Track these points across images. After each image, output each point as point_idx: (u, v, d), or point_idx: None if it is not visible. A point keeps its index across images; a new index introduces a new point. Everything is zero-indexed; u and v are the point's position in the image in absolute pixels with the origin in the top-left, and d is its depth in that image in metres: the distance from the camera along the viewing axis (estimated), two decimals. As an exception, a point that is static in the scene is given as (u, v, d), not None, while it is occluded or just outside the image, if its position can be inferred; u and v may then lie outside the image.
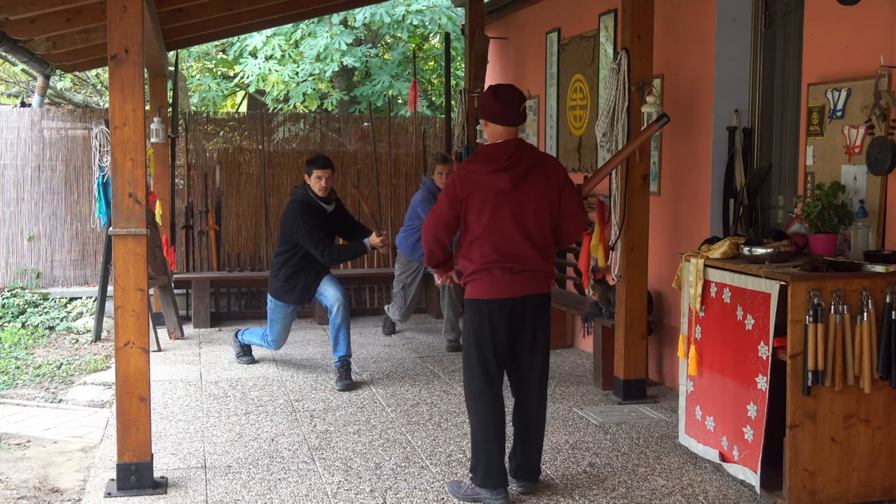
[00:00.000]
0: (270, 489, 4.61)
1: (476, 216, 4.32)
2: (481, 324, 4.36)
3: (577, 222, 4.45)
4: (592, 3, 7.53)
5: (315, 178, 6.64)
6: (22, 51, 7.31)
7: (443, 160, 7.92)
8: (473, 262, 4.35)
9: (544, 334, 4.47)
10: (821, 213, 4.60)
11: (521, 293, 4.34)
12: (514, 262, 4.31)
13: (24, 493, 4.73)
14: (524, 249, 4.32)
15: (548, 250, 4.41)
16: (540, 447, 4.55)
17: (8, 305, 9.52)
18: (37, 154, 9.99)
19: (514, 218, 4.30)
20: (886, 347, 4.08)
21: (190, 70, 14.92)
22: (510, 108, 4.33)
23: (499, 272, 4.31)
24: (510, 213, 4.30)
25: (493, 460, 4.34)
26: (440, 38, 13.81)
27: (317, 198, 6.67)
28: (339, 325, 6.70)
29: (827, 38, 4.99)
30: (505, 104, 4.33)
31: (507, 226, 4.30)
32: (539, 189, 4.33)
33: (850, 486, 4.22)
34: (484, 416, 4.37)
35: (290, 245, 6.69)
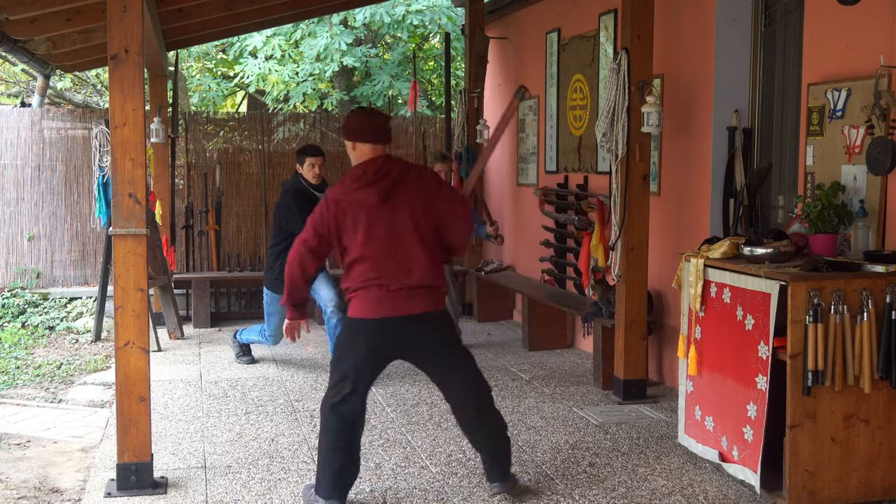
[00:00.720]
0: (270, 489, 4.61)
1: (350, 237, 4.19)
2: (349, 342, 4.27)
3: (460, 225, 4.27)
4: (592, 3, 7.53)
5: (308, 165, 6.74)
6: (22, 51, 7.31)
7: (441, 158, 7.91)
8: (353, 281, 4.23)
9: (454, 347, 4.37)
10: (821, 213, 4.60)
11: (402, 311, 4.18)
12: (393, 280, 4.16)
13: (24, 493, 4.73)
14: (403, 265, 4.17)
15: (430, 263, 4.22)
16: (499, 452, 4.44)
17: (8, 305, 9.52)
18: (37, 154, 9.99)
19: (390, 233, 4.17)
20: (886, 347, 4.08)
21: (190, 70, 14.92)
22: (375, 126, 4.24)
23: (376, 290, 4.17)
24: (384, 229, 4.16)
25: (331, 473, 4.29)
26: (440, 38, 13.81)
27: (309, 186, 6.75)
28: (336, 325, 6.72)
29: (827, 38, 4.99)
30: (370, 123, 4.25)
31: (384, 242, 4.17)
32: (412, 199, 4.19)
33: (850, 486, 4.22)
34: (330, 429, 4.30)
35: (285, 235, 6.67)
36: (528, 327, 7.89)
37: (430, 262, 4.22)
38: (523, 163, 9.21)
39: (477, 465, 4.94)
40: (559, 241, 8.22)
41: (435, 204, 4.23)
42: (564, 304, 7.41)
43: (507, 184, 9.65)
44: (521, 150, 9.26)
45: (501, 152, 9.80)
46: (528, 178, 9.04)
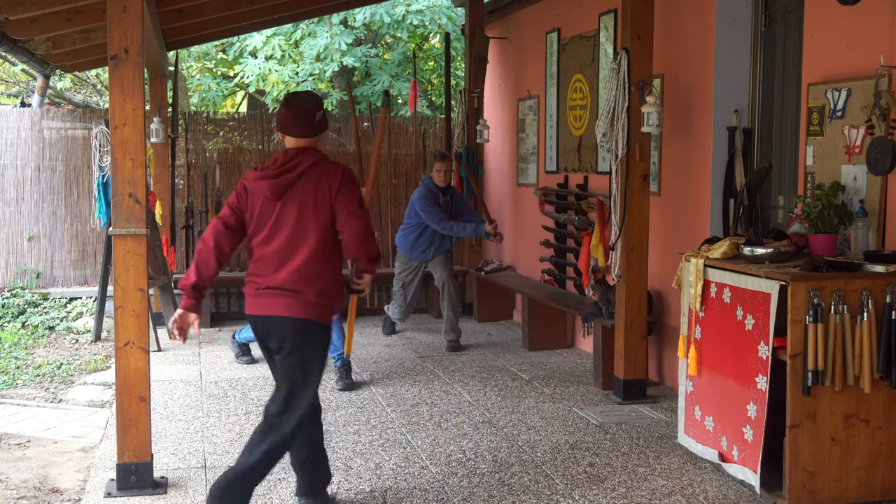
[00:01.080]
0: (270, 489, 4.61)
1: (249, 226, 4.07)
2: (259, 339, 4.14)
3: (351, 233, 3.95)
4: (592, 3, 7.53)
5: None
6: (22, 51, 7.31)
7: (441, 157, 7.93)
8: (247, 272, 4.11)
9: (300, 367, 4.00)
10: (821, 213, 4.60)
11: (263, 311, 3.99)
12: (262, 278, 4.00)
13: (24, 493, 4.73)
14: (277, 264, 3.97)
15: (306, 268, 3.94)
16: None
17: (8, 305, 9.52)
18: (37, 154, 9.99)
19: (273, 229, 3.98)
20: (886, 347, 4.08)
21: (190, 70, 14.92)
22: (294, 119, 4.02)
23: (250, 286, 4.04)
24: (270, 225, 3.98)
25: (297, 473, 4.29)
26: (440, 38, 13.81)
27: None
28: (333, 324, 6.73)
29: (827, 38, 4.99)
30: (288, 116, 4.03)
31: (266, 237, 4.00)
32: (304, 198, 3.95)
33: (850, 486, 4.22)
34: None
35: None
36: (528, 327, 7.89)
37: (306, 266, 3.94)
38: (523, 163, 9.21)
39: (477, 465, 4.94)
40: (559, 241, 8.22)
41: (329, 208, 3.95)
42: (564, 304, 7.41)
43: (507, 184, 9.65)
44: (521, 150, 9.26)
45: (501, 152, 9.80)
46: (528, 178, 9.04)
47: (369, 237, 3.99)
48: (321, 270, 3.97)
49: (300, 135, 4.04)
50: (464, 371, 7.11)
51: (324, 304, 3.98)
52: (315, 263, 3.95)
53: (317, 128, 4.06)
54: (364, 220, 3.97)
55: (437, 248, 7.93)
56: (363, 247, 3.98)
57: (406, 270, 8.06)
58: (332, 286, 4.01)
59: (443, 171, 7.83)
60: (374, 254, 4.04)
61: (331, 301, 4.02)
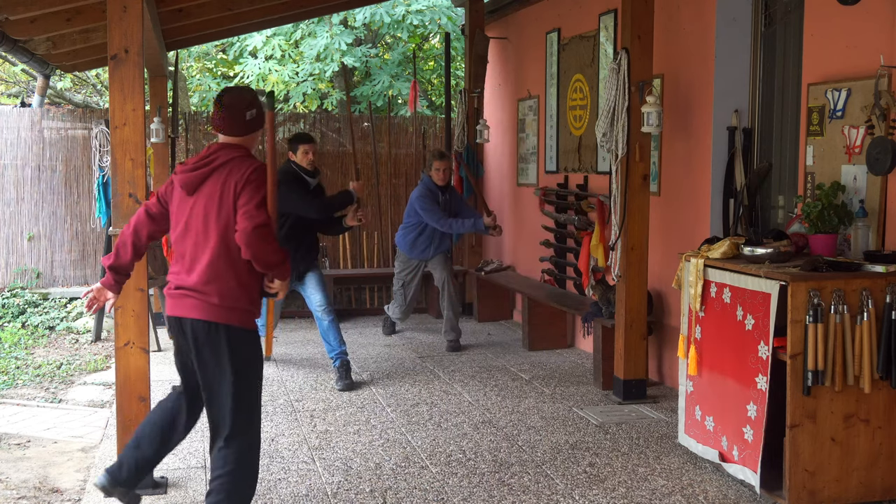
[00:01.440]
0: (270, 489, 4.61)
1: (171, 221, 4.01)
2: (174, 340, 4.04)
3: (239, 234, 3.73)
4: (592, 3, 7.53)
5: (302, 152, 6.82)
6: (22, 51, 7.31)
7: (439, 156, 7.93)
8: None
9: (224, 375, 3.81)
10: (821, 213, 4.60)
11: (177, 312, 3.87)
12: (176, 277, 3.90)
13: (24, 493, 4.73)
14: (188, 263, 3.86)
15: (213, 268, 3.80)
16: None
17: (8, 305, 9.52)
18: (37, 154, 10.00)
19: (186, 227, 3.87)
20: (886, 347, 4.08)
21: (190, 70, 14.92)
22: (229, 116, 3.90)
23: (169, 285, 3.94)
24: (183, 222, 3.88)
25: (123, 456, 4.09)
26: (440, 38, 13.81)
27: (301, 171, 6.82)
28: (329, 325, 6.76)
29: (827, 38, 4.99)
30: (225, 113, 3.90)
31: (180, 235, 3.90)
32: (211, 195, 3.82)
33: (850, 486, 4.22)
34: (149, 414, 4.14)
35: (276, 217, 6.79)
36: (528, 327, 7.89)
37: (210, 267, 3.80)
38: (523, 163, 9.21)
39: (477, 465, 4.94)
40: (559, 241, 8.22)
41: (233, 206, 3.78)
42: (564, 304, 7.41)
43: (507, 184, 9.65)
44: (521, 150, 9.26)
45: (501, 152, 9.80)
46: (528, 178, 9.04)
47: (260, 240, 3.72)
48: (224, 272, 3.80)
49: (229, 133, 3.94)
50: (464, 371, 7.11)
51: (229, 307, 3.80)
52: (219, 264, 3.79)
53: (247, 127, 3.95)
54: (256, 221, 3.71)
55: (436, 247, 7.93)
56: (251, 249, 3.72)
57: (406, 270, 8.06)
58: (238, 288, 3.82)
59: (442, 170, 7.83)
60: (270, 260, 3.78)
61: (237, 304, 3.82)
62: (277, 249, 3.80)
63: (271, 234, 3.78)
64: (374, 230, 10.06)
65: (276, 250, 3.79)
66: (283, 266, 3.86)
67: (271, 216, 3.79)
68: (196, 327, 3.81)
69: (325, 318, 6.75)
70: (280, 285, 3.93)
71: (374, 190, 10.17)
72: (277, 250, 3.80)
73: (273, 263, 3.80)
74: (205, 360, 3.82)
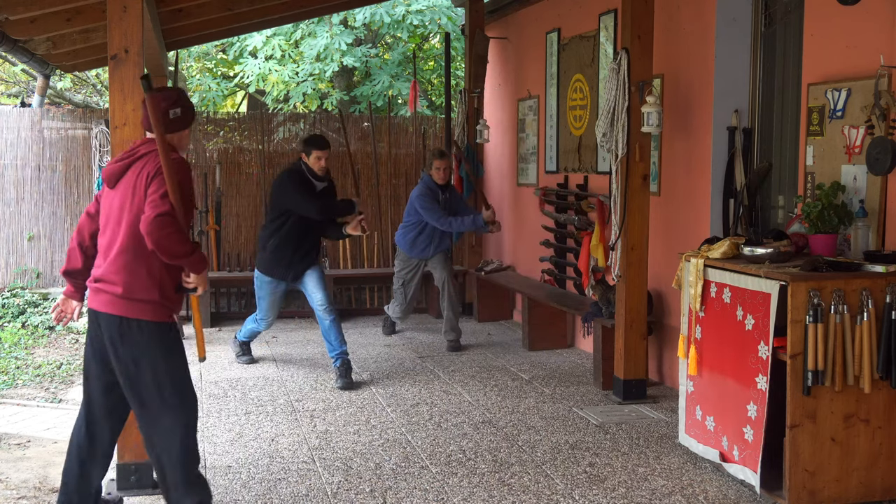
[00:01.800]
0: (270, 489, 4.61)
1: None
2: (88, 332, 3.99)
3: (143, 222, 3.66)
4: (592, 3, 7.53)
5: (315, 158, 6.73)
6: (22, 51, 7.30)
7: (440, 155, 7.92)
8: None
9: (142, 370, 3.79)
10: (821, 213, 4.60)
11: (92, 305, 3.86)
12: (95, 270, 3.88)
13: (24, 493, 4.73)
14: (102, 255, 3.86)
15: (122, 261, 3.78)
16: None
17: (8, 305, 9.52)
18: (37, 154, 10.00)
19: (105, 219, 3.89)
20: (886, 347, 4.08)
21: (190, 70, 14.92)
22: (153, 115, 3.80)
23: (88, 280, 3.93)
24: (105, 213, 3.90)
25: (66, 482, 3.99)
26: (440, 38, 13.81)
27: (309, 173, 6.76)
28: (327, 328, 6.75)
29: (827, 38, 4.98)
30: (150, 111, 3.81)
31: (102, 228, 3.91)
32: (126, 187, 3.82)
33: (850, 486, 4.22)
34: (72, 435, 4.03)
35: (278, 214, 6.77)
36: (528, 327, 7.89)
37: (117, 258, 3.78)
38: (523, 163, 9.21)
39: (477, 465, 4.94)
40: (559, 241, 8.22)
41: (143, 198, 3.75)
42: (564, 304, 7.41)
43: (507, 184, 9.65)
44: (521, 150, 9.26)
45: (502, 153, 9.80)
46: (528, 178, 9.04)
47: (159, 228, 3.63)
48: (133, 263, 3.77)
49: (148, 129, 3.96)
50: (464, 371, 7.11)
51: (139, 300, 3.77)
52: (128, 255, 3.77)
53: (171, 125, 3.90)
54: (158, 210, 3.64)
55: (436, 246, 7.93)
56: (152, 237, 3.63)
57: (406, 268, 8.06)
58: (148, 280, 3.79)
59: (442, 169, 7.83)
60: (173, 249, 3.69)
61: (147, 297, 3.78)
62: (181, 239, 3.71)
63: (174, 223, 3.69)
64: (374, 230, 10.05)
65: (179, 240, 3.70)
66: (190, 258, 3.78)
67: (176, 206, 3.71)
68: (110, 323, 3.79)
69: (326, 317, 6.75)
70: (196, 279, 3.89)
71: (374, 190, 10.17)
72: (181, 240, 3.71)
73: (178, 253, 3.72)
74: (120, 357, 3.80)
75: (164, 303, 3.84)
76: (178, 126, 3.95)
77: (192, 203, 3.84)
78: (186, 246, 3.74)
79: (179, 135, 3.99)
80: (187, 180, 3.82)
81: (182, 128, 3.98)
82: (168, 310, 3.88)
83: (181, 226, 3.73)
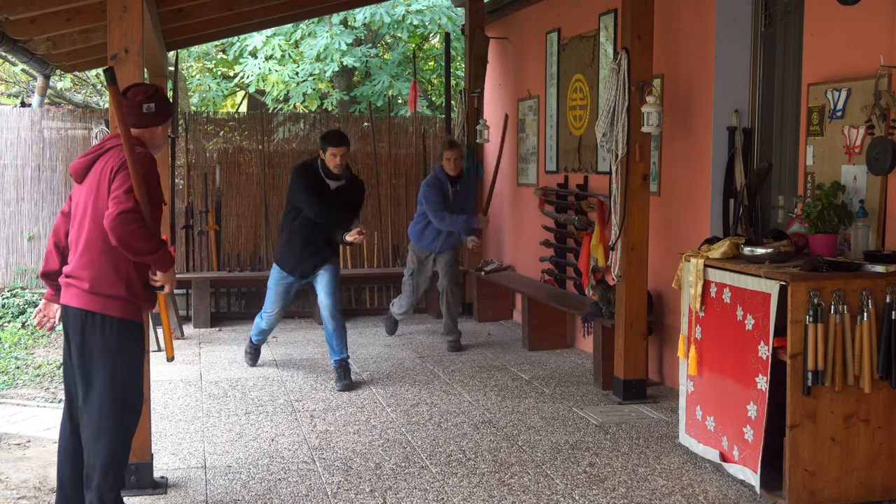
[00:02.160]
0: (270, 489, 4.61)
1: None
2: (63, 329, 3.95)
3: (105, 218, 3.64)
4: (592, 3, 7.53)
5: (329, 155, 6.52)
6: (22, 51, 7.30)
7: (450, 145, 7.81)
8: None
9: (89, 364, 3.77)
10: (821, 213, 4.59)
11: (63, 300, 3.85)
12: (66, 266, 3.87)
13: (24, 493, 4.73)
14: (73, 252, 3.84)
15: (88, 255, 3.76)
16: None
17: (8, 305, 9.52)
18: (37, 154, 9.99)
19: (74, 214, 3.87)
20: (886, 347, 4.08)
21: (190, 70, 14.92)
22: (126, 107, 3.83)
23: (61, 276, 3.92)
24: (74, 209, 3.88)
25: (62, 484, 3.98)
26: (440, 38, 13.81)
27: (324, 171, 6.57)
28: (332, 331, 6.68)
29: (827, 38, 4.98)
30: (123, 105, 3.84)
31: (72, 226, 3.89)
32: (91, 182, 3.80)
33: (850, 486, 4.22)
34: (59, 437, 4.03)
35: (290, 208, 6.73)
36: (528, 327, 7.89)
37: (84, 253, 3.77)
38: (523, 163, 9.21)
39: (477, 465, 4.94)
40: (559, 241, 8.22)
41: (107, 191, 3.72)
42: (564, 304, 7.41)
43: (507, 184, 9.64)
44: (521, 150, 9.26)
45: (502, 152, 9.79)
46: (528, 178, 9.04)
47: (123, 225, 3.60)
48: (98, 259, 3.75)
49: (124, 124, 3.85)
50: (464, 371, 7.11)
51: (105, 296, 3.75)
52: (94, 251, 3.75)
53: (144, 120, 3.88)
54: (122, 207, 3.60)
55: (443, 241, 7.87)
56: (115, 234, 3.61)
57: (414, 259, 8.02)
58: (114, 276, 3.76)
59: (452, 160, 7.71)
60: (137, 247, 3.66)
61: (113, 292, 3.75)
62: (145, 236, 3.66)
63: (138, 219, 3.64)
64: (374, 230, 10.05)
65: (142, 236, 3.65)
66: (155, 255, 3.74)
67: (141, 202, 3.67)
68: (74, 316, 3.77)
69: (330, 322, 6.69)
70: (163, 277, 3.86)
71: (374, 190, 10.16)
72: (145, 237, 3.66)
73: (142, 250, 3.69)
74: (79, 349, 3.78)
75: (132, 299, 3.81)
76: (151, 121, 3.92)
77: (159, 198, 3.80)
78: (151, 243, 3.70)
79: (152, 131, 3.95)
80: (153, 175, 3.78)
81: (155, 123, 3.94)
82: (136, 307, 3.84)
83: (146, 222, 3.69)
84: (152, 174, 3.79)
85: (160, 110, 3.95)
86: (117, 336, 3.78)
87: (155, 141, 3.99)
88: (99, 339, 3.76)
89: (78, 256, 3.79)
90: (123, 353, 3.81)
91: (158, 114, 3.94)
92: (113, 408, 3.80)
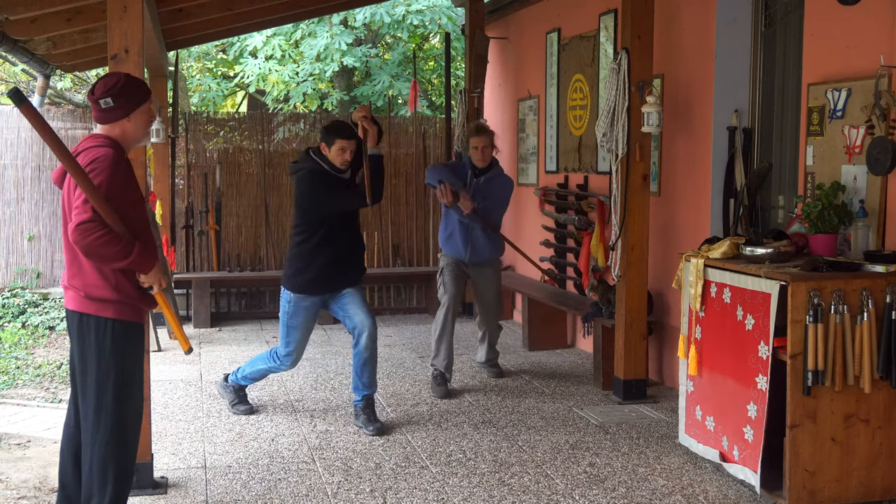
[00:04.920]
0: (270, 489, 4.61)
1: None
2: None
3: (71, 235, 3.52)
4: (592, 3, 7.53)
5: (338, 149, 5.41)
6: (22, 51, 7.30)
7: (476, 130, 6.51)
8: None
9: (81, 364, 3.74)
10: (821, 213, 4.60)
11: (65, 305, 3.80)
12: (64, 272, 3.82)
13: (24, 493, 4.73)
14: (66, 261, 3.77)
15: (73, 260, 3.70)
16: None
17: (8, 305, 9.52)
18: (37, 154, 10.00)
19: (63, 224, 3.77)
20: (886, 347, 4.08)
21: (190, 70, 14.91)
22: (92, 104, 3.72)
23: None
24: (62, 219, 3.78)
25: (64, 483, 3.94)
26: (440, 38, 13.81)
27: (330, 168, 5.48)
28: (366, 360, 5.55)
29: (827, 38, 4.99)
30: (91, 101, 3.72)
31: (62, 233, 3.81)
32: (68, 188, 3.67)
33: (850, 486, 4.22)
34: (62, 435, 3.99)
35: (304, 220, 5.52)
36: (528, 327, 7.89)
37: (68, 257, 3.72)
38: (523, 163, 9.21)
39: (477, 465, 4.94)
40: (559, 241, 8.22)
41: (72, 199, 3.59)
42: (564, 304, 7.41)
43: (507, 184, 9.64)
44: (521, 150, 9.26)
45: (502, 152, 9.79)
46: (528, 178, 9.04)
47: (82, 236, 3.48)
48: (85, 265, 3.66)
49: (95, 121, 3.77)
50: (464, 371, 7.10)
51: (98, 299, 3.67)
52: (80, 258, 3.65)
53: (104, 116, 3.70)
54: (79, 219, 3.48)
55: (472, 250, 6.54)
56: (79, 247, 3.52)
57: (444, 267, 6.65)
58: (101, 279, 3.66)
59: (480, 148, 6.43)
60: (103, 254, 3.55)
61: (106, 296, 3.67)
62: (109, 243, 3.52)
63: (98, 227, 3.50)
64: (374, 230, 10.05)
65: (106, 244, 3.51)
66: (128, 260, 3.60)
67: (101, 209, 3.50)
68: (72, 319, 3.75)
69: (369, 347, 5.55)
70: (148, 278, 3.74)
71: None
72: (109, 243, 3.52)
73: (110, 257, 3.56)
74: (79, 352, 3.75)
75: (126, 301, 3.72)
76: (114, 116, 3.71)
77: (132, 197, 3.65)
78: (118, 247, 3.55)
79: (121, 125, 3.73)
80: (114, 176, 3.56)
81: (120, 117, 3.71)
82: (132, 308, 3.77)
83: (110, 228, 3.53)
84: (114, 175, 3.57)
85: (121, 101, 3.69)
86: (113, 338, 3.71)
87: (128, 137, 3.77)
88: (95, 342, 3.70)
89: (69, 265, 3.75)
90: (116, 356, 3.73)
91: (120, 106, 3.70)
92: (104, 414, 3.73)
